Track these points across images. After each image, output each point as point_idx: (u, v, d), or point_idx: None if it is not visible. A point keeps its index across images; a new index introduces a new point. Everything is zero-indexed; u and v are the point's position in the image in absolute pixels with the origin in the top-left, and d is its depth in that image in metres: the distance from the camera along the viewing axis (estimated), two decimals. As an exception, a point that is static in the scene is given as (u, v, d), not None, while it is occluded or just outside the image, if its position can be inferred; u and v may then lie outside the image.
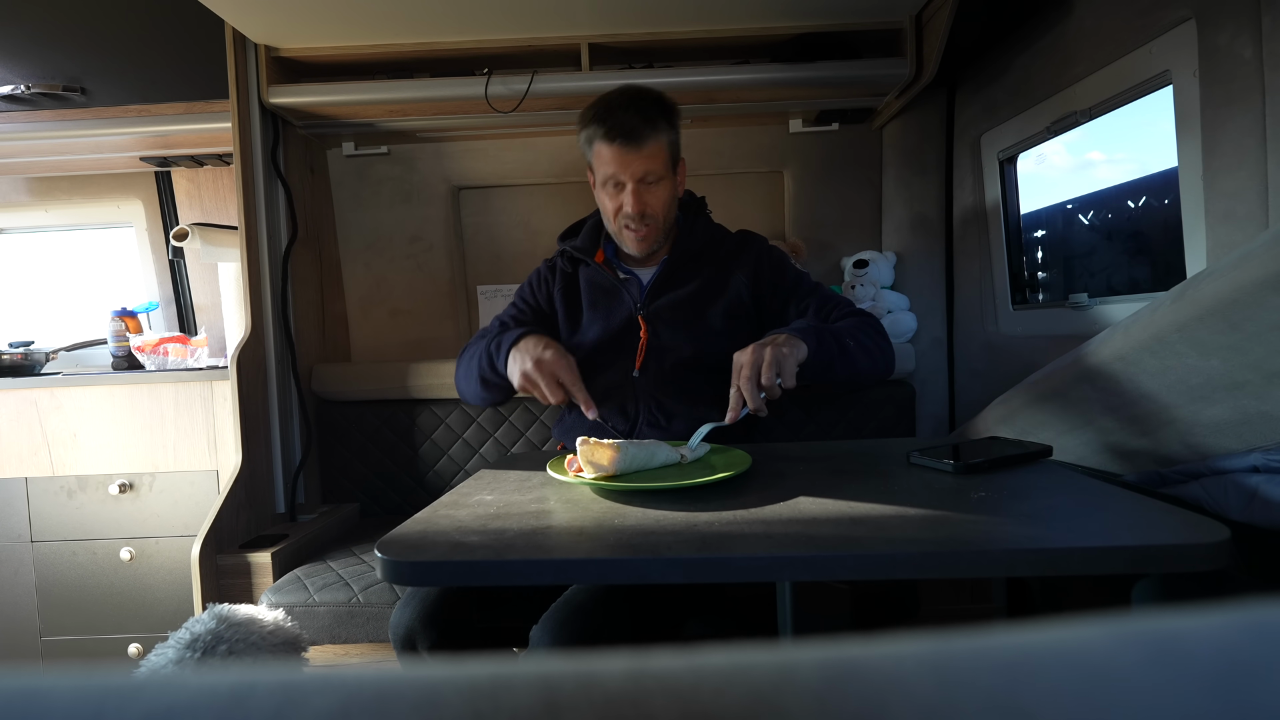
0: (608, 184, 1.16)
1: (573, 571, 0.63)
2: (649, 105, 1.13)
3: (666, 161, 1.15)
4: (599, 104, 1.14)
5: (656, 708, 0.14)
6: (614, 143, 1.11)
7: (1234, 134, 0.95)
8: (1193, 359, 0.82)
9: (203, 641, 1.05)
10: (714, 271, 1.21)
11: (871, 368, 1.07)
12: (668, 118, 1.15)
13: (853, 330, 1.07)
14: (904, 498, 0.73)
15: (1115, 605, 0.94)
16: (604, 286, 1.24)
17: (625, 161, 1.12)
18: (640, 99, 1.14)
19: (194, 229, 1.77)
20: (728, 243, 1.26)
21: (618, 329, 1.20)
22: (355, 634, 1.30)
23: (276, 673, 0.15)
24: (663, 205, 1.17)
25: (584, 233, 1.28)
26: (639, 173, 1.13)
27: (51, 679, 0.15)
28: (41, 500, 1.64)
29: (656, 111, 1.13)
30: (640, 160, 1.12)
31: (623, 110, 1.11)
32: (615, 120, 1.11)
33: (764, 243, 1.27)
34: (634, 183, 1.13)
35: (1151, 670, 0.14)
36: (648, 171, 1.13)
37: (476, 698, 0.14)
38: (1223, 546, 0.56)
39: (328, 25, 1.47)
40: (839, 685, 0.14)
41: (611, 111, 1.12)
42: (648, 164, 1.13)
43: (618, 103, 1.12)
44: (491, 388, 1.16)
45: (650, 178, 1.14)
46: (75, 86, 1.63)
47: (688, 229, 1.25)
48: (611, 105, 1.12)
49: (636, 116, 1.11)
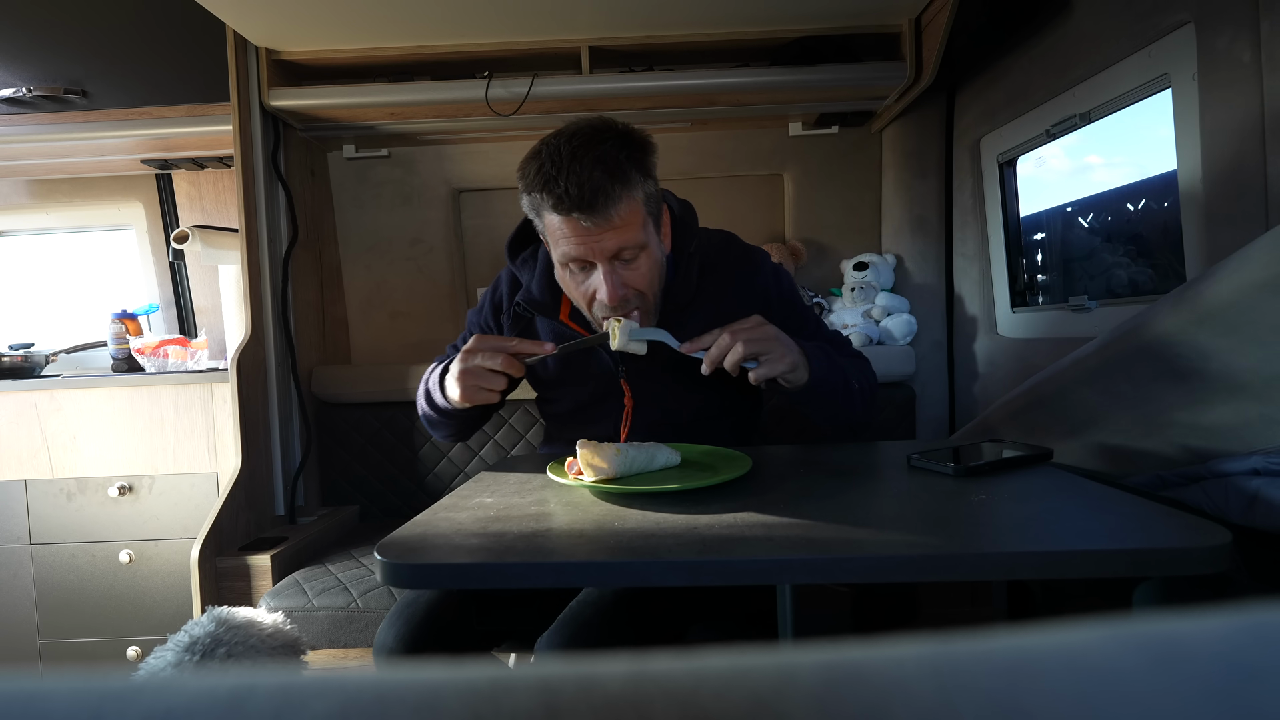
0: (570, 265, 0.89)
1: (573, 574, 0.63)
2: (611, 152, 0.83)
3: (644, 223, 0.87)
4: (543, 158, 0.83)
5: (657, 711, 0.14)
6: (571, 214, 0.83)
7: (1233, 137, 0.95)
8: (1193, 362, 0.82)
9: (201, 644, 1.04)
10: (711, 316, 0.95)
11: (857, 411, 1.00)
12: (639, 164, 0.86)
13: (855, 370, 1.01)
14: (904, 500, 0.73)
15: (1116, 608, 0.94)
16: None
17: (590, 237, 0.84)
18: (598, 145, 0.83)
19: (194, 231, 1.77)
20: (727, 275, 1.02)
21: (595, 394, 1.02)
22: (354, 638, 1.30)
23: (275, 675, 0.15)
24: (649, 280, 0.91)
25: (539, 274, 1.00)
26: (611, 249, 0.85)
27: (50, 682, 0.15)
28: (41, 502, 1.64)
29: (623, 158, 0.83)
30: (611, 233, 0.84)
31: (575, 165, 0.81)
32: (568, 182, 0.81)
33: (772, 270, 1.05)
34: (607, 263, 0.86)
35: (1153, 674, 0.14)
36: (623, 246, 0.86)
37: (476, 701, 0.14)
38: (1224, 549, 0.55)
39: (329, 28, 1.47)
40: (839, 688, 0.14)
41: (562, 169, 0.81)
42: (621, 236, 0.85)
43: (568, 154, 0.82)
44: (447, 419, 1.00)
45: (627, 253, 0.87)
46: (77, 89, 1.64)
47: (681, 281, 0.99)
48: (560, 159, 0.82)
49: (598, 170, 0.81)
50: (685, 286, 0.99)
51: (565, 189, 0.82)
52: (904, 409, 1.70)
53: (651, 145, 0.89)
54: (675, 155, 1.89)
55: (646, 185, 0.88)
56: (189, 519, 1.60)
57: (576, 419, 1.07)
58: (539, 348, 0.87)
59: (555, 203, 0.84)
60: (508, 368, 0.87)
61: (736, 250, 1.06)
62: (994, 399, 1.40)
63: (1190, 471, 0.94)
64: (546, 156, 0.84)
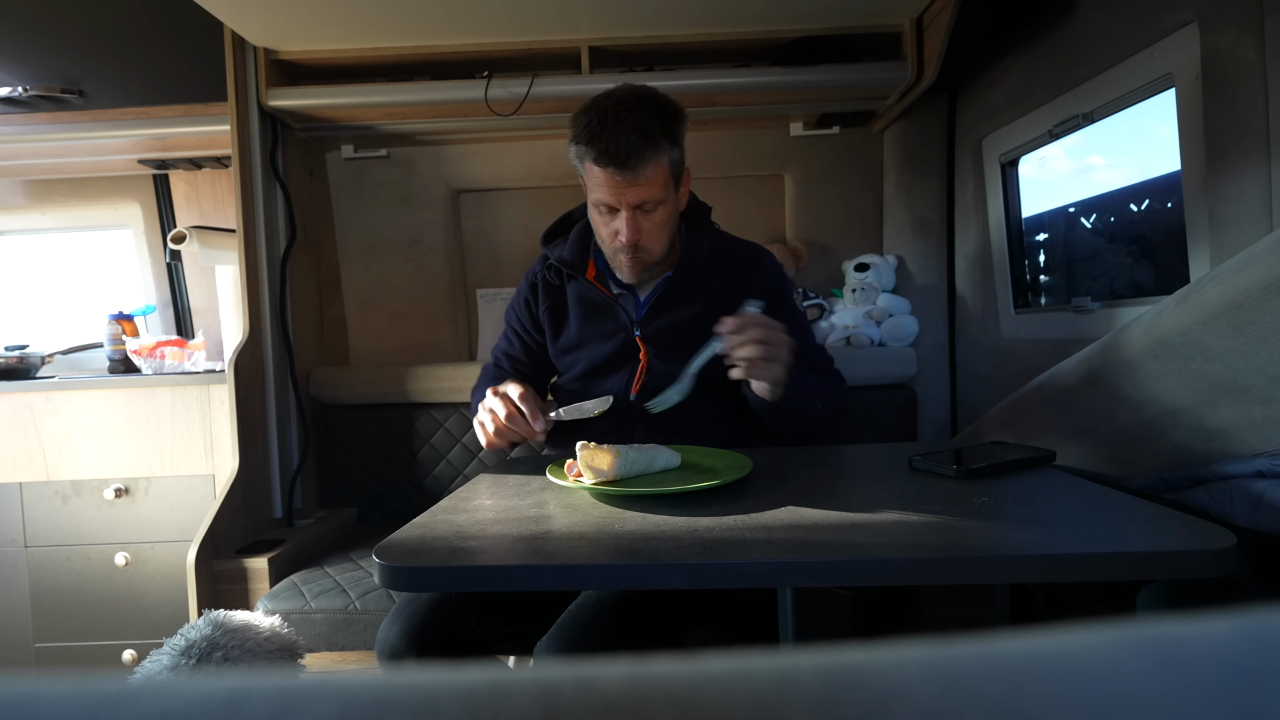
0: (600, 206, 1.06)
1: (573, 577, 0.63)
2: (649, 120, 1.00)
3: (667, 183, 1.04)
4: (592, 116, 1.01)
5: (657, 715, 0.14)
6: (607, 167, 1.00)
7: (1237, 137, 0.95)
8: (1197, 363, 0.81)
9: (198, 648, 1.04)
10: (720, 292, 1.12)
11: (814, 429, 1.10)
12: (670, 133, 1.02)
13: (822, 392, 1.10)
14: (906, 503, 0.72)
15: (1120, 612, 0.93)
16: (596, 303, 1.15)
17: (620, 188, 1.01)
18: (639, 111, 1.00)
19: (192, 232, 1.76)
20: (735, 258, 1.17)
21: (613, 350, 1.13)
22: (352, 641, 1.29)
23: (272, 679, 0.15)
24: (661, 234, 1.07)
25: (571, 241, 1.16)
26: (635, 200, 1.03)
27: (45, 685, 0.15)
28: (36, 505, 1.63)
29: (658, 127, 1.00)
30: (637, 188, 1.01)
31: (618, 128, 0.98)
32: (609, 140, 0.98)
33: (774, 268, 1.19)
34: (630, 210, 1.03)
35: (1156, 677, 0.14)
36: (645, 199, 1.03)
37: (475, 705, 0.14)
38: (1228, 552, 0.55)
39: (327, 28, 1.47)
40: (840, 692, 0.14)
41: (606, 128, 0.98)
42: (646, 191, 1.02)
43: (613, 117, 0.99)
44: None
45: (649, 205, 1.04)
46: (73, 89, 1.63)
47: (693, 245, 1.14)
48: (606, 120, 0.99)
49: (635, 135, 0.98)
50: (697, 256, 1.14)
51: (605, 146, 0.98)
52: (905, 411, 1.70)
53: (684, 116, 1.05)
54: (675, 156, 1.89)
55: (673, 152, 1.04)
56: (185, 521, 1.60)
57: (590, 380, 1.16)
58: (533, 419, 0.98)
59: (596, 156, 1.00)
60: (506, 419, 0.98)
61: (749, 245, 1.22)
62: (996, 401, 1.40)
63: (1194, 474, 0.94)
64: (595, 114, 1.00)
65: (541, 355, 1.23)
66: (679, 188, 1.10)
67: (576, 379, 1.18)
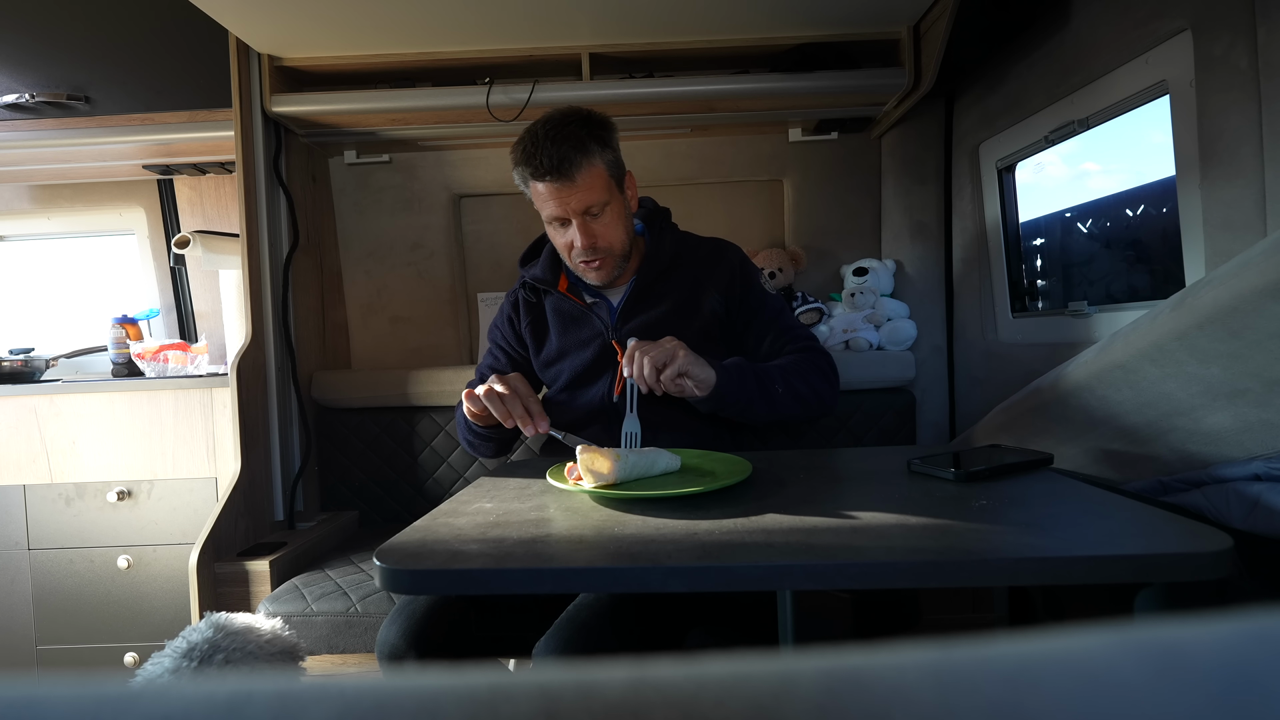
0: (554, 222, 1.11)
1: (572, 580, 0.63)
2: (576, 130, 1.06)
3: (608, 185, 1.09)
4: (524, 139, 1.07)
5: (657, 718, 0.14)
6: (545, 180, 1.06)
7: (1231, 143, 0.96)
8: (1193, 367, 0.82)
9: (199, 650, 1.04)
10: (686, 289, 1.17)
11: (796, 413, 1.10)
12: (599, 138, 1.07)
13: (790, 371, 1.09)
14: (905, 506, 0.73)
15: (1118, 614, 0.94)
16: (572, 314, 1.21)
17: (563, 197, 1.06)
18: (564, 125, 1.06)
19: (195, 236, 1.77)
20: (698, 254, 1.21)
21: (592, 357, 1.17)
22: (353, 644, 1.29)
23: (273, 682, 0.15)
24: (614, 232, 1.11)
25: (544, 259, 1.23)
26: (580, 206, 1.07)
27: (47, 688, 0.15)
28: (39, 507, 1.63)
29: (585, 134, 1.06)
30: (579, 193, 1.06)
31: (549, 143, 1.04)
32: (543, 155, 1.04)
33: (737, 255, 1.23)
34: (578, 217, 1.08)
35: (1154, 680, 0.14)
36: (589, 203, 1.07)
37: (475, 708, 0.14)
38: (1225, 555, 0.55)
39: (331, 35, 1.48)
40: (840, 695, 0.14)
41: (539, 145, 1.04)
42: (588, 195, 1.07)
43: (544, 135, 1.05)
44: (482, 441, 1.19)
45: (594, 208, 1.08)
46: (79, 95, 1.64)
47: (654, 245, 1.20)
48: (537, 138, 1.05)
49: (565, 145, 1.04)
50: (660, 256, 1.19)
51: (541, 160, 1.05)
52: (904, 414, 1.70)
53: (610, 124, 1.11)
54: (675, 161, 1.89)
55: (605, 154, 1.08)
56: (188, 524, 1.60)
57: (575, 389, 1.19)
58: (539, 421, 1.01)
59: (534, 171, 1.06)
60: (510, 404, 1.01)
61: (711, 240, 1.26)
62: (994, 404, 1.40)
63: (1191, 477, 0.94)
64: (528, 138, 1.07)
65: (527, 370, 1.27)
66: (623, 189, 1.14)
67: (562, 390, 1.21)
